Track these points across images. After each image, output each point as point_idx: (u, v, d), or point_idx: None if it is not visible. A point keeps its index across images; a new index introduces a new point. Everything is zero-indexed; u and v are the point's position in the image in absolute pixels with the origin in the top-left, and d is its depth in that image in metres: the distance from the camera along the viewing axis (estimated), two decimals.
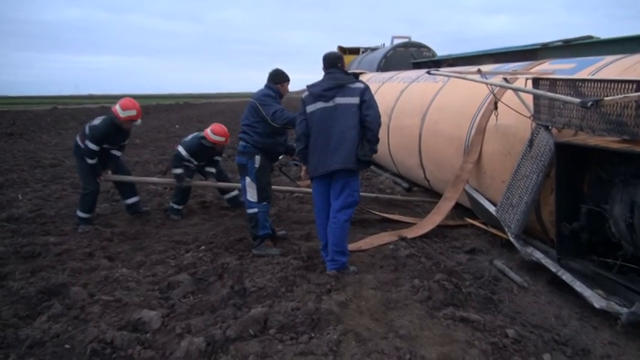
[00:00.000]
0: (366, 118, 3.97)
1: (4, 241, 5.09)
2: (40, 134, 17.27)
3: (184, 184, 6.15)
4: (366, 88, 4.06)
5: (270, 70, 5.09)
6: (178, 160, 6.16)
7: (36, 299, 3.68)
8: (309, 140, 4.16)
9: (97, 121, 5.83)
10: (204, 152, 6.25)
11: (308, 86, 4.22)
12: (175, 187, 6.31)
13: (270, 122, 4.74)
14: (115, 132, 5.78)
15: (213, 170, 6.48)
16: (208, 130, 6.18)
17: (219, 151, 6.48)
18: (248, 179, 4.80)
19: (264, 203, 4.89)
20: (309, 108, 4.12)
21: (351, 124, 3.98)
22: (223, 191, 6.68)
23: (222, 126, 6.32)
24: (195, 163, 6.32)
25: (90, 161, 5.68)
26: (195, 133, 6.45)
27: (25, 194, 7.47)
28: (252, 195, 4.81)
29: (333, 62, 4.20)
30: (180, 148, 6.20)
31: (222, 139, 6.19)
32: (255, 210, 4.82)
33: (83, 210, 5.71)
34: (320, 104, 4.06)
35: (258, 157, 4.80)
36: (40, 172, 9.62)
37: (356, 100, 3.98)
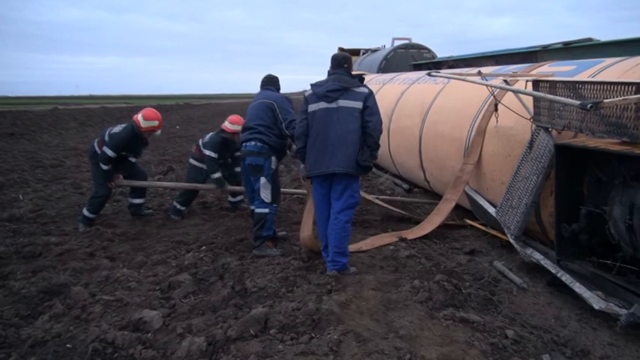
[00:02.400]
0: (368, 124, 3.97)
1: (5, 240, 5.10)
2: (40, 134, 17.27)
3: (226, 188, 6.14)
4: (370, 94, 4.06)
5: (268, 75, 5.20)
6: (213, 163, 6.02)
7: (37, 299, 3.70)
8: (307, 140, 4.18)
9: (117, 128, 5.84)
10: (227, 147, 6.16)
11: (312, 85, 4.22)
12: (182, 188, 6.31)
13: (280, 127, 4.80)
14: (134, 140, 5.82)
15: (239, 169, 6.38)
16: (226, 123, 6.12)
17: (238, 146, 6.39)
18: (264, 180, 4.78)
19: (275, 205, 4.93)
20: (312, 107, 4.13)
21: (351, 128, 3.98)
22: (233, 194, 6.60)
23: (237, 115, 6.25)
24: (223, 160, 6.25)
25: (104, 167, 5.70)
26: (210, 134, 6.32)
27: (26, 194, 7.48)
28: (266, 196, 4.80)
29: (340, 63, 4.19)
30: (208, 152, 6.02)
31: (239, 127, 6.01)
32: (267, 211, 4.82)
33: (90, 210, 5.73)
34: (323, 104, 4.06)
35: (274, 159, 4.84)
36: (40, 172, 9.63)
37: (359, 104, 3.99)
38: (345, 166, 3.98)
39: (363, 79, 4.24)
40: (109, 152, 5.63)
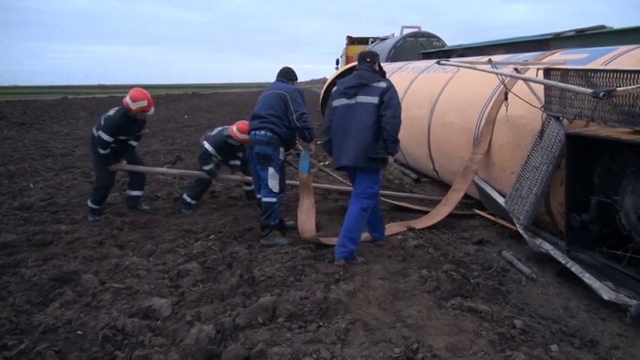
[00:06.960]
0: (382, 118, 4.07)
1: (16, 229, 5.16)
2: (50, 124, 17.42)
3: (218, 178, 6.10)
4: (388, 88, 4.13)
5: (284, 68, 5.20)
6: (205, 156, 5.96)
7: (48, 286, 3.74)
8: (332, 134, 4.37)
9: (111, 111, 5.76)
10: (230, 149, 6.07)
11: (338, 82, 4.43)
12: (194, 180, 6.28)
13: (291, 118, 4.80)
14: (129, 123, 5.72)
15: (237, 163, 6.32)
16: (235, 129, 5.88)
17: (244, 149, 6.26)
18: (272, 170, 4.80)
19: (282, 195, 4.98)
20: (335, 103, 4.34)
21: (366, 123, 4.09)
22: (249, 182, 6.54)
23: (246, 122, 6.17)
24: (220, 158, 6.14)
25: (102, 151, 5.63)
26: (220, 128, 6.21)
27: (37, 183, 7.56)
28: (274, 185, 4.83)
29: (362, 58, 4.39)
30: (208, 146, 5.97)
31: (248, 137, 6.02)
32: (275, 200, 4.85)
33: (93, 201, 5.74)
34: (344, 100, 4.25)
35: (282, 149, 4.88)
36: (51, 161, 9.73)
37: (375, 99, 4.10)
38: (354, 159, 4.13)
39: (385, 73, 4.35)
40: (105, 136, 5.55)
